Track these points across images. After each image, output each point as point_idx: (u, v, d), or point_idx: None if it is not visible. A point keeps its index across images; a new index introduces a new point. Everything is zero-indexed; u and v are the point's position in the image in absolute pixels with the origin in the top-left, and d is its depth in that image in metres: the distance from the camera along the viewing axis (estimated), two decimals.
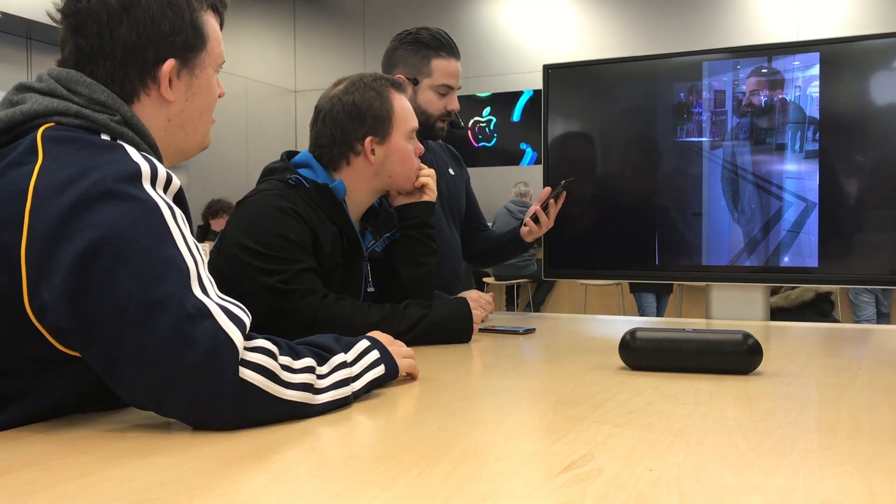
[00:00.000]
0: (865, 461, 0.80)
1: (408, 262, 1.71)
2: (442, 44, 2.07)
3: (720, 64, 2.08)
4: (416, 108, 2.00)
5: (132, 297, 0.85)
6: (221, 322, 0.87)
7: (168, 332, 0.84)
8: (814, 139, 2.00)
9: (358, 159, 1.62)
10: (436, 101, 2.07)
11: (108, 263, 0.85)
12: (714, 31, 7.28)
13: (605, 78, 2.24)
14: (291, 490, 0.72)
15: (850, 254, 2.00)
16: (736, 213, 2.08)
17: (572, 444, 0.86)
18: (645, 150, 2.17)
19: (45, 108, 0.96)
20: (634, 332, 1.32)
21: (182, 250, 0.90)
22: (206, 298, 0.89)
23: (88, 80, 0.99)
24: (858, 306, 6.10)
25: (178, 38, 1.03)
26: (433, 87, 2.06)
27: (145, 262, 0.86)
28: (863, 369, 1.35)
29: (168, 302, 0.85)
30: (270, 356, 0.91)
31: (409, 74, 2.06)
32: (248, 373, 0.88)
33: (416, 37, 2.08)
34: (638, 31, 7.64)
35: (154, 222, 0.89)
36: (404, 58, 2.08)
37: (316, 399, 0.96)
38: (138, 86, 1.03)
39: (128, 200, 0.88)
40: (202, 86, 1.08)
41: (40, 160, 0.90)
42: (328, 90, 1.66)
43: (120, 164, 0.91)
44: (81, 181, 0.88)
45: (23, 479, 0.75)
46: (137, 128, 1.01)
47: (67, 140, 0.93)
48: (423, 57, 2.06)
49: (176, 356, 0.84)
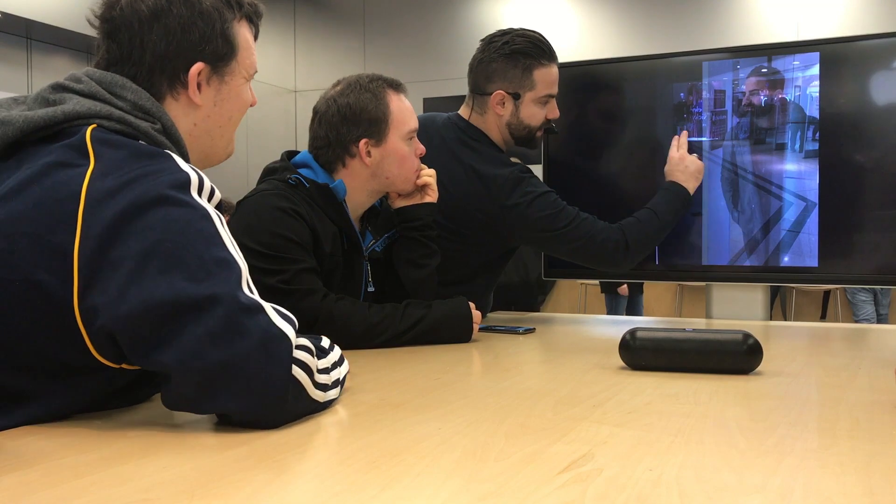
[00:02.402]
0: (865, 461, 0.80)
1: (408, 263, 1.71)
2: (543, 51, 1.94)
3: (720, 64, 2.09)
4: (519, 125, 1.96)
5: (186, 292, 0.86)
6: (273, 317, 0.90)
7: (222, 323, 0.86)
8: (814, 139, 2.00)
9: (354, 161, 1.62)
10: (538, 113, 1.96)
11: (163, 265, 0.86)
12: (714, 31, 7.27)
13: (605, 78, 2.24)
14: (291, 490, 0.72)
15: (850, 253, 2.00)
16: (736, 213, 2.08)
17: (572, 444, 0.86)
18: (645, 150, 2.17)
19: (87, 110, 0.96)
20: (634, 332, 1.32)
21: (233, 253, 0.92)
22: (256, 297, 0.91)
23: (135, 86, 1.00)
24: (856, 305, 6.10)
25: (207, 47, 1.05)
26: (536, 99, 1.95)
27: (199, 263, 0.88)
28: (863, 369, 1.35)
29: (222, 296, 0.87)
30: (311, 354, 0.94)
31: (509, 89, 1.93)
32: (296, 369, 0.91)
33: (514, 47, 1.92)
34: (638, 31, 7.64)
35: (205, 227, 0.91)
36: (502, 71, 1.93)
37: (326, 396, 0.99)
38: (166, 90, 1.04)
39: (181, 206, 0.90)
40: (231, 92, 1.10)
41: (92, 163, 0.91)
42: (326, 91, 1.66)
43: (171, 172, 0.93)
44: (135, 186, 0.89)
45: (23, 479, 0.74)
46: (175, 138, 1.02)
47: (117, 144, 0.94)
48: (525, 69, 1.92)
49: (229, 346, 0.85)
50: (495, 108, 1.96)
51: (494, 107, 1.96)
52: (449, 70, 7.36)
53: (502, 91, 1.94)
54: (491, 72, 1.95)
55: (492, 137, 1.99)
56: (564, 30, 8.05)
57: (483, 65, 1.96)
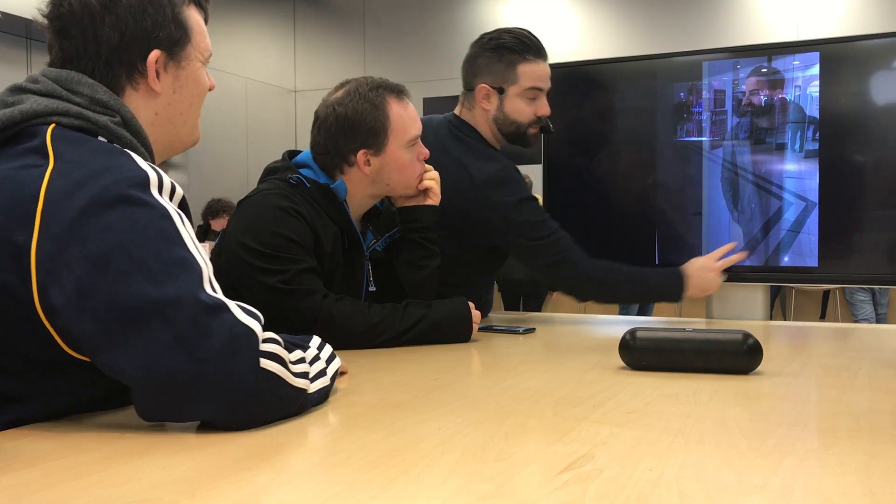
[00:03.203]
0: (865, 461, 0.80)
1: (407, 265, 1.71)
2: (528, 46, 1.95)
3: (720, 64, 2.08)
4: (505, 120, 1.97)
5: (147, 295, 0.85)
6: (238, 315, 0.89)
7: (187, 325, 0.85)
8: (814, 139, 2.00)
9: (352, 169, 1.61)
10: (525, 109, 1.96)
11: (122, 266, 0.86)
12: (714, 31, 7.27)
13: (605, 78, 2.24)
14: (291, 490, 0.72)
15: (850, 253, 2.00)
16: (736, 213, 2.08)
17: (572, 444, 0.86)
18: (645, 149, 2.17)
19: (45, 108, 0.96)
20: (634, 331, 1.32)
21: (193, 253, 0.91)
22: (219, 295, 0.90)
23: (90, 81, 1.00)
24: (855, 305, 6.10)
25: (161, 33, 1.05)
26: (521, 93, 1.95)
27: (159, 264, 0.87)
28: (863, 369, 1.35)
29: (184, 298, 0.86)
30: (280, 345, 0.93)
31: (493, 83, 1.96)
32: (267, 361, 0.90)
33: (499, 42, 1.95)
34: (638, 31, 7.63)
35: (165, 226, 0.90)
36: (487, 65, 1.96)
37: (311, 387, 0.98)
38: (125, 81, 1.04)
39: (140, 205, 0.89)
40: (189, 78, 1.09)
41: (52, 163, 0.91)
42: (329, 94, 1.65)
43: (130, 169, 0.92)
44: (93, 185, 0.89)
45: (23, 479, 0.74)
46: (136, 130, 1.01)
47: (76, 142, 0.94)
48: (509, 63, 1.94)
49: (196, 348, 0.85)
50: (481, 102, 1.98)
51: (480, 101, 1.98)
52: (449, 70, 7.35)
53: (486, 85, 1.96)
54: (477, 67, 1.98)
55: (482, 133, 2.00)
56: (564, 30, 8.05)
57: (470, 60, 2.00)
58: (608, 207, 2.21)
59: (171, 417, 0.90)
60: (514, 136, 2.00)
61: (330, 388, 1.06)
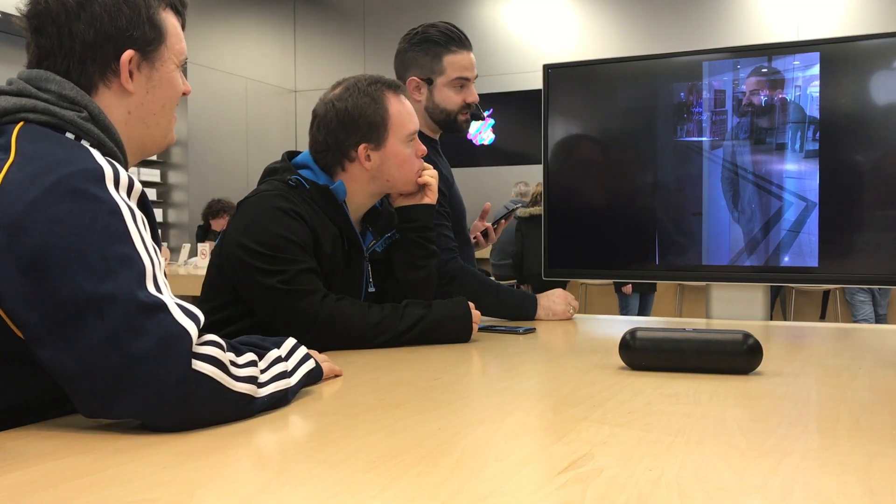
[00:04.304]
0: (865, 461, 0.80)
1: (406, 264, 1.71)
2: (451, 38, 2.04)
3: (720, 64, 2.08)
4: (435, 108, 2.06)
5: (84, 290, 0.86)
6: (175, 315, 0.89)
7: (120, 323, 0.86)
8: (814, 139, 2.00)
9: (353, 165, 1.62)
10: (453, 97, 2.05)
11: (63, 259, 0.86)
12: (714, 31, 7.28)
13: (605, 78, 2.24)
14: (291, 490, 0.72)
15: (850, 253, 2.00)
16: (736, 213, 2.08)
17: (572, 444, 0.86)
18: (645, 149, 2.17)
19: (13, 105, 0.98)
20: (634, 332, 1.32)
21: (140, 250, 0.91)
22: (160, 295, 0.90)
23: (58, 78, 1.02)
24: (854, 306, 6.10)
25: (135, 33, 1.05)
26: (448, 83, 2.04)
27: (100, 259, 0.88)
28: (863, 369, 1.35)
29: (120, 296, 0.87)
30: (220, 349, 0.92)
31: (421, 75, 2.04)
32: (201, 364, 0.89)
33: (425, 35, 2.05)
34: (638, 31, 7.64)
35: (112, 222, 0.91)
36: (415, 59, 2.05)
37: (259, 392, 0.97)
38: (98, 79, 1.05)
39: (88, 199, 0.90)
40: (163, 79, 1.10)
41: (11, 157, 0.92)
42: (326, 93, 1.65)
43: (85, 163, 0.93)
44: (46, 177, 0.90)
45: (23, 479, 0.75)
46: (104, 125, 1.02)
47: (37, 137, 0.96)
48: (434, 56, 2.03)
49: (127, 347, 0.85)
50: (413, 94, 2.04)
51: (412, 93, 2.04)
52: None
53: (416, 77, 2.04)
54: (407, 61, 2.07)
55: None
56: (564, 30, 8.05)
57: (400, 55, 2.09)
58: (608, 207, 2.21)
59: (101, 414, 0.90)
60: (446, 124, 2.08)
61: (296, 389, 1.05)
